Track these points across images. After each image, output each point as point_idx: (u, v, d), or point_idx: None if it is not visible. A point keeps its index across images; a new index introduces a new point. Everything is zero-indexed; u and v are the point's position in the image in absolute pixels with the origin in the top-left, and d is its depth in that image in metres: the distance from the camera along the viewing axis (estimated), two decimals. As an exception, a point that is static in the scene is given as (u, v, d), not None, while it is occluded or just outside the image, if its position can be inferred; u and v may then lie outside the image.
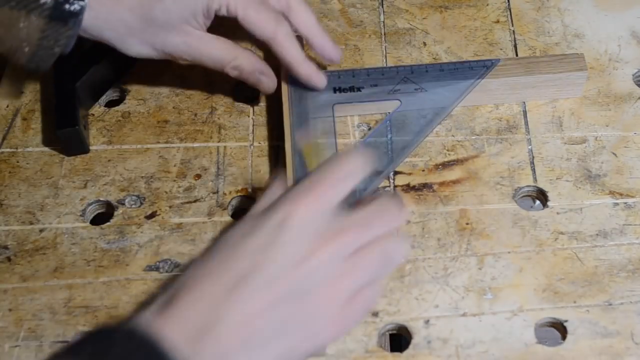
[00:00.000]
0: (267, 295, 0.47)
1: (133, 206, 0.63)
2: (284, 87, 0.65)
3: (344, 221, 0.49)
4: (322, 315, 0.48)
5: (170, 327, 0.45)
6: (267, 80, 0.65)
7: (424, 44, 0.71)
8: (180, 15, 0.60)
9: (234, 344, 0.46)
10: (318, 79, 0.64)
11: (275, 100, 0.66)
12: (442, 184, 0.63)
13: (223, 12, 0.61)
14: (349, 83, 0.66)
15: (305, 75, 0.64)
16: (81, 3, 0.58)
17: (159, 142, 0.66)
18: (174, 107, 0.68)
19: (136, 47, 0.62)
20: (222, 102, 0.68)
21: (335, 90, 0.66)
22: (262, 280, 0.47)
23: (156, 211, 0.62)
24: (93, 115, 0.68)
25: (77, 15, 0.58)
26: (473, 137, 0.66)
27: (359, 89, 0.66)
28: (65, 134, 0.64)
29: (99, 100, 0.69)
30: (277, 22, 0.61)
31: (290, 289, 0.47)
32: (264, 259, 0.47)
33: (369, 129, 0.66)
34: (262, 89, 0.65)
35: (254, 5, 0.61)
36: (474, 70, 0.66)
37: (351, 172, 0.50)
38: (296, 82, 0.65)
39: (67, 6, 0.57)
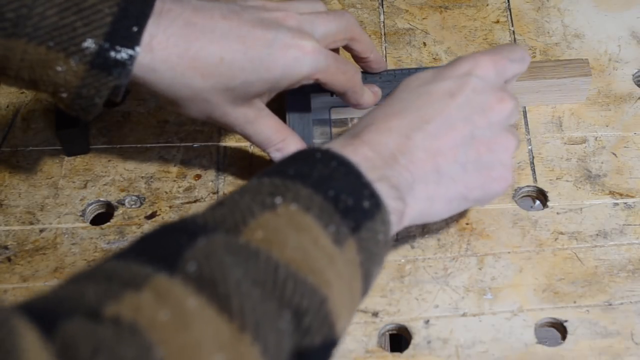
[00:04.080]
0: (454, 134, 0.51)
1: (133, 206, 0.63)
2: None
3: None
4: (500, 164, 0.52)
5: (362, 150, 0.48)
6: None
7: (424, 44, 0.71)
8: (259, 91, 0.55)
9: (426, 168, 0.50)
10: (374, 100, 0.62)
11: (276, 100, 0.66)
12: (442, 184, 0.63)
13: (307, 82, 0.56)
14: None
15: (367, 105, 0.61)
16: (129, 52, 0.50)
17: (159, 142, 0.66)
18: (174, 107, 0.68)
19: (191, 112, 0.55)
20: (222, 102, 0.68)
21: (332, 93, 0.65)
22: (449, 121, 0.51)
23: (156, 211, 0.62)
24: (93, 115, 0.68)
25: (125, 65, 0.50)
26: (473, 137, 0.65)
27: None
28: (65, 134, 0.64)
29: (99, 101, 0.69)
30: (352, 78, 0.58)
31: (479, 132, 0.51)
32: (451, 102, 0.51)
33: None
34: None
35: (334, 73, 0.56)
36: None
37: (521, 60, 0.55)
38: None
39: (112, 53, 0.50)
